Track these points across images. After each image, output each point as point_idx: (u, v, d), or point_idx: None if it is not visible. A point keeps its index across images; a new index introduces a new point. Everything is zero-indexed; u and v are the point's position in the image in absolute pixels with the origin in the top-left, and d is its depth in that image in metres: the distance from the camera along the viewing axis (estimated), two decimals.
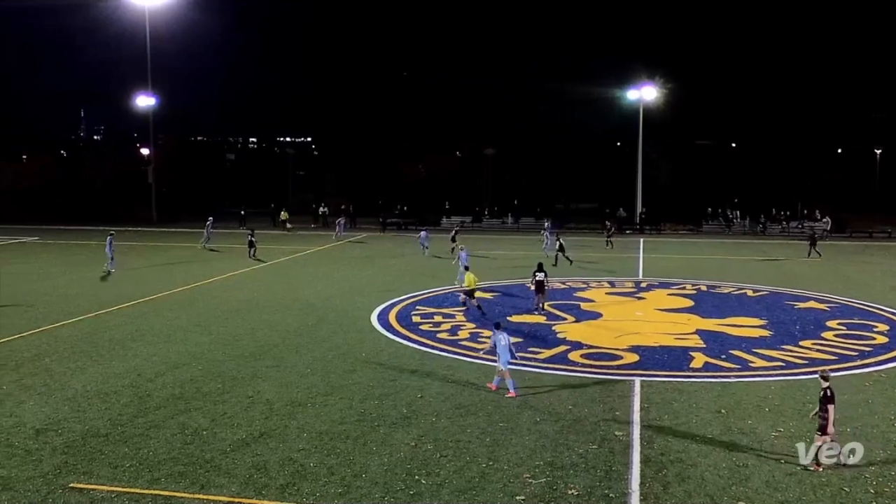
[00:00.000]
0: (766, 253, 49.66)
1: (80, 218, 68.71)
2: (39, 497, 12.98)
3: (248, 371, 20.57)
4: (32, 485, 13.44)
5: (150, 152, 75.99)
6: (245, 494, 13.15)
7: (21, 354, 22.18)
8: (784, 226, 65.51)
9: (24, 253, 47.56)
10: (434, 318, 27.39)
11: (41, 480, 13.62)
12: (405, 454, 14.83)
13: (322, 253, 48.10)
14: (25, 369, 20.64)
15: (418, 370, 20.66)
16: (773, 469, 14.19)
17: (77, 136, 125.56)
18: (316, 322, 26.84)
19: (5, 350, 22.71)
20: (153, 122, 74.18)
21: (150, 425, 16.37)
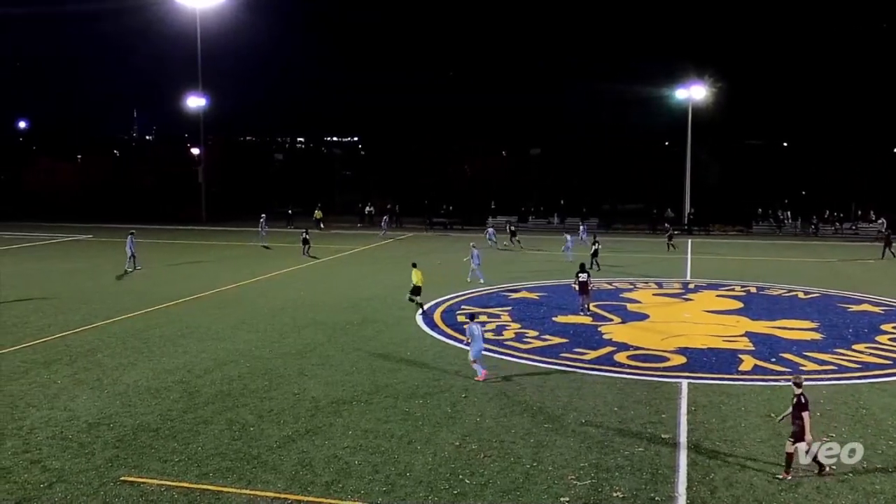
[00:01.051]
0: (819, 254, 48.68)
1: (132, 217, 70.03)
2: (92, 489, 13.27)
3: (294, 368, 20.79)
4: (85, 477, 13.75)
5: (200, 152, 77.20)
6: (291, 490, 13.28)
7: (75, 350, 22.70)
8: (837, 227, 64.13)
9: (79, 250, 48.66)
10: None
11: (94, 473, 13.92)
12: (449, 453, 14.84)
13: (368, 252, 48.38)
14: (79, 364, 21.13)
15: (463, 370, 20.66)
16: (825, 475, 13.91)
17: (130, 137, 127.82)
18: (361, 321, 27.00)
19: (61, 345, 23.28)
20: (203, 122, 75.35)
21: (199, 421, 16.64)
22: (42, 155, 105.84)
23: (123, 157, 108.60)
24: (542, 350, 22.84)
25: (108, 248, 49.61)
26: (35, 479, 13.62)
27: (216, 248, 51.16)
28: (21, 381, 19.56)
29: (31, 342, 23.58)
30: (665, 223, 57.05)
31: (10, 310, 28.67)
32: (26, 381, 19.47)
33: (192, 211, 72.63)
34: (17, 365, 21.00)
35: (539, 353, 22.40)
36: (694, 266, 42.80)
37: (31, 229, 61.40)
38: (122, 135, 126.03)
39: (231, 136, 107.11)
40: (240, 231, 60.48)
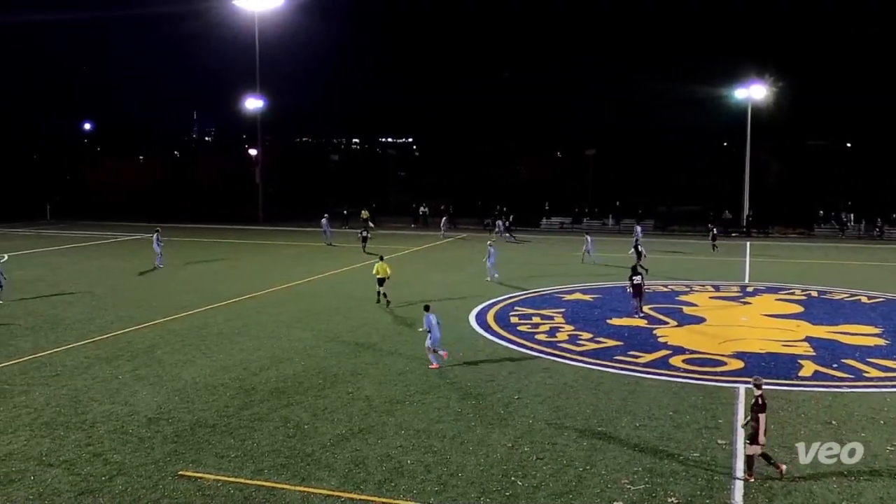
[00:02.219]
0: (883, 258, 47.34)
1: (191, 216, 71.47)
2: (151, 483, 13.56)
3: (348, 367, 20.96)
4: (145, 471, 14.06)
5: (258, 153, 78.37)
6: (344, 488, 13.40)
7: (136, 346, 23.24)
8: None
9: (139, 249, 49.74)
10: (532, 320, 27.26)
11: (153, 467, 14.23)
12: (501, 455, 14.81)
13: (422, 252, 48.55)
14: (140, 360, 21.62)
15: (516, 371, 20.61)
16: (889, 485, 13.54)
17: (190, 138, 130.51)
18: (415, 321, 27.08)
19: (122, 341, 23.86)
20: (261, 123, 76.48)
21: (255, 418, 16.89)
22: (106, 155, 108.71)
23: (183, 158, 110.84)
24: (595, 352, 22.65)
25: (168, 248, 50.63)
26: (97, 472, 13.98)
27: (272, 247, 51.89)
28: (84, 376, 20.10)
29: (94, 338, 24.22)
30: (708, 223, 56.09)
31: (74, 307, 29.49)
32: (89, 377, 20.01)
33: (250, 211, 73.77)
34: (81, 360, 21.60)
35: (593, 356, 22.21)
36: (752, 269, 42.00)
37: (94, 228, 63.08)
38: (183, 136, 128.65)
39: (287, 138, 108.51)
40: (295, 231, 61.23)
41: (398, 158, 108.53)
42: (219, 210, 74.75)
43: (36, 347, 23.06)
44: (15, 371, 20.53)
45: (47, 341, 23.87)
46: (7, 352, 22.51)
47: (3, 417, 16.83)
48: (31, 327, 25.86)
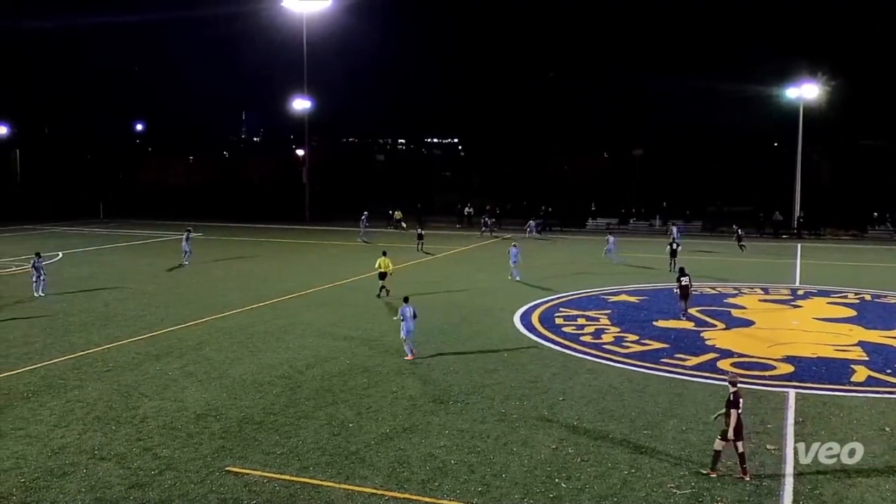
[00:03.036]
0: None
1: (239, 215, 72.43)
2: (199, 478, 13.78)
3: (392, 367, 21.06)
4: (193, 466, 14.29)
5: (305, 153, 79.12)
6: (388, 487, 13.46)
7: (185, 343, 23.64)
8: None
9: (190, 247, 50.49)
10: (577, 321, 27.10)
11: (200, 462, 14.46)
12: (545, 456, 14.75)
13: (468, 253, 48.55)
14: (189, 357, 21.99)
15: (560, 373, 20.51)
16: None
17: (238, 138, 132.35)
18: (459, 321, 27.13)
19: (172, 338, 24.29)
20: (308, 124, 77.21)
21: (300, 415, 17.06)
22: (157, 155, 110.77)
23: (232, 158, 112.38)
24: (641, 355, 22.43)
25: (216, 246, 51.44)
26: (147, 466, 14.25)
27: (318, 246, 52.36)
28: (135, 371, 20.51)
29: (144, 335, 24.69)
30: (733, 224, 55.23)
31: (126, 304, 30.09)
32: (140, 373, 20.41)
33: (296, 210, 74.50)
34: (132, 357, 22.03)
35: (639, 358, 22.00)
36: (803, 271, 41.21)
37: (145, 227, 64.28)
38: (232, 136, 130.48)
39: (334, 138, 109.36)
40: (341, 230, 61.67)
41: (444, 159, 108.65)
42: (266, 209, 75.63)
43: (89, 343, 23.60)
44: (69, 366, 21.03)
45: (100, 337, 24.41)
46: (62, 347, 23.07)
47: (57, 411, 17.25)
48: (85, 323, 26.46)
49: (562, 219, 68.06)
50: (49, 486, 13.40)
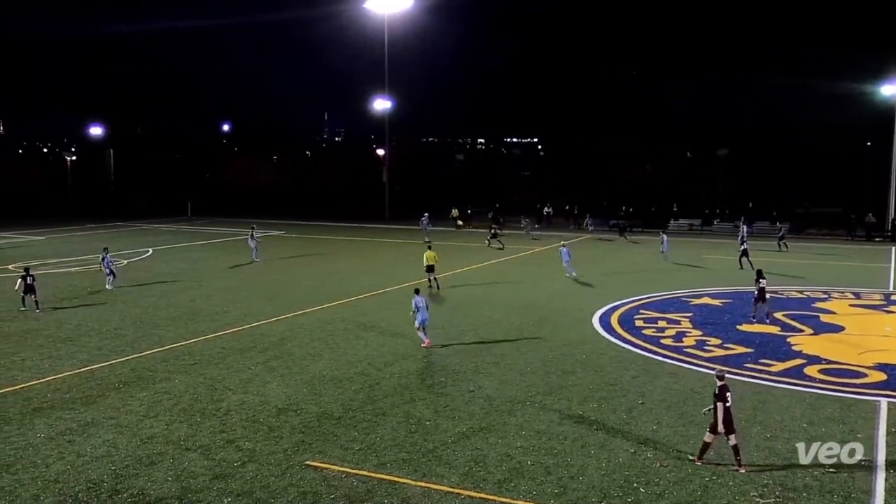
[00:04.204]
0: None
1: (320, 214, 73.65)
2: (280, 471, 14.08)
3: (469, 366, 21.09)
4: (274, 459, 14.60)
5: (385, 153, 79.95)
6: (464, 486, 13.49)
7: (267, 339, 24.18)
8: None
9: (272, 245, 51.67)
10: (658, 323, 26.64)
11: (281, 456, 14.76)
12: (624, 460, 14.55)
13: (546, 253, 48.22)
14: (271, 353, 22.48)
15: (639, 376, 20.20)
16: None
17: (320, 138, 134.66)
18: (537, 321, 27.00)
19: (255, 334, 24.87)
20: (388, 123, 77.98)
21: (378, 412, 17.24)
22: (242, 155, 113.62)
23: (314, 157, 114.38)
24: (724, 359, 21.90)
25: (298, 244, 52.44)
26: (230, 458, 14.63)
27: (398, 245, 52.81)
28: (219, 365, 21.08)
29: (228, 330, 25.35)
30: (777, 222, 53.35)
31: (211, 299, 30.94)
32: (224, 367, 20.96)
33: (376, 209, 75.33)
34: (217, 351, 22.65)
35: (721, 363, 21.47)
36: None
37: (230, 225, 65.95)
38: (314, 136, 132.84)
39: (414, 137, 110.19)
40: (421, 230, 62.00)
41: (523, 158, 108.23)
42: (347, 208, 76.72)
43: (177, 337, 24.37)
44: (158, 359, 21.76)
45: (187, 331, 25.17)
46: (151, 340, 23.89)
47: (146, 402, 17.87)
48: (173, 318, 27.33)
49: (643, 219, 66.96)
50: (138, 475, 13.89)
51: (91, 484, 13.50)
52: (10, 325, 25.96)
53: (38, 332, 24.94)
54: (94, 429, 16.15)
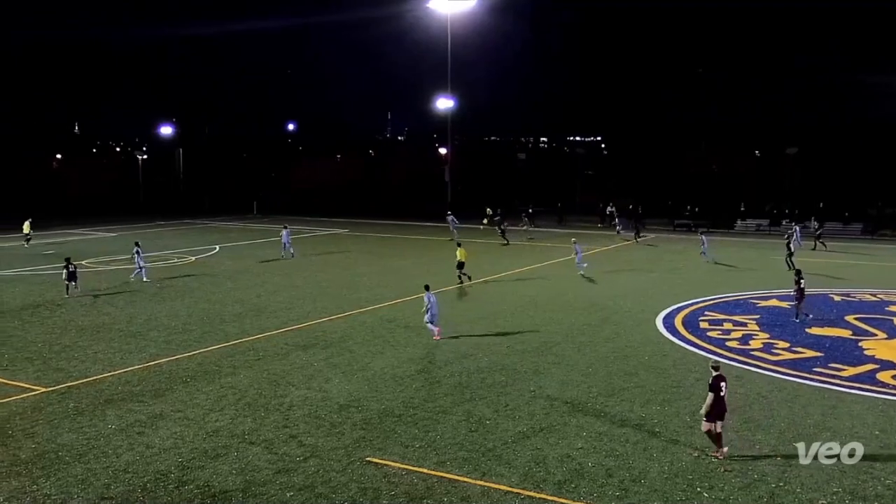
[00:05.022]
0: None
1: (383, 213, 74.17)
2: (341, 466, 14.23)
3: (530, 366, 21.01)
4: (335, 455, 14.77)
5: (447, 152, 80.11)
6: (524, 486, 13.44)
7: (330, 336, 24.47)
8: None
9: (335, 244, 52.31)
10: (723, 325, 26.13)
11: (342, 451, 14.92)
12: (687, 464, 14.31)
13: (608, 253, 47.75)
14: (333, 349, 22.74)
15: (704, 378, 19.74)
16: None
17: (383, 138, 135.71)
18: (599, 322, 26.75)
19: (318, 331, 25.19)
20: (451, 123, 78.10)
21: (439, 410, 17.29)
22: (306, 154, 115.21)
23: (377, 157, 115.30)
24: (793, 363, 21.37)
25: (360, 242, 52.92)
26: (292, 453, 14.85)
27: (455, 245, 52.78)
28: (283, 361, 21.41)
29: (292, 327, 25.73)
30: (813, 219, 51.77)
31: (276, 296, 31.44)
32: (287, 362, 21.29)
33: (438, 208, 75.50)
34: (281, 347, 23.02)
35: (790, 366, 20.98)
36: None
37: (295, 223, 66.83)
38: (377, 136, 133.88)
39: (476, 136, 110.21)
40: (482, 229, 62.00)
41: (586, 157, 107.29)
42: (409, 207, 77.10)
43: (242, 333, 24.83)
44: (223, 353, 22.21)
45: (252, 327, 25.63)
46: (217, 336, 24.39)
47: (212, 396, 18.25)
48: (238, 314, 27.86)
49: (709, 219, 65.71)
50: (203, 467, 14.20)
51: (159, 475, 13.85)
52: (84, 320, 26.80)
53: (110, 327, 25.69)
54: (162, 421, 16.57)
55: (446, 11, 70.03)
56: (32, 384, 19.15)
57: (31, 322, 26.41)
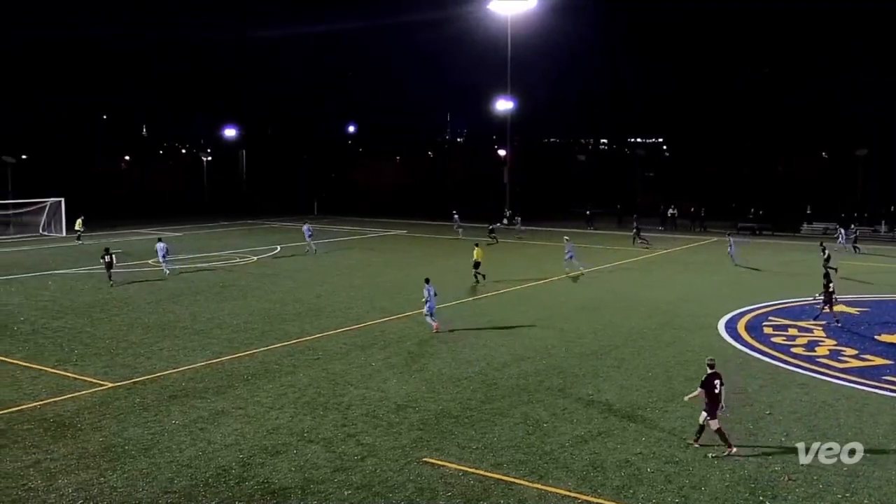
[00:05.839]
0: None
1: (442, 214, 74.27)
2: (398, 466, 14.31)
3: (589, 369, 20.83)
4: (392, 455, 14.86)
5: (506, 153, 79.95)
6: (581, 490, 13.33)
7: (388, 336, 24.63)
8: None
9: (394, 244, 52.64)
10: (788, 331, 25.53)
11: (399, 451, 15.00)
12: (749, 472, 14.02)
13: (672, 255, 47.10)
14: (391, 349, 22.89)
15: (768, 385, 19.42)
16: None
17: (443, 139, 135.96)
18: (659, 325, 26.39)
19: (377, 331, 25.38)
20: (510, 124, 77.91)
21: (496, 412, 17.26)
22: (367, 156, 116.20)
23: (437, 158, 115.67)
24: (860, 371, 20.77)
25: (419, 243, 53.16)
26: (350, 452, 14.99)
27: (517, 245, 52.71)
28: (342, 361, 21.63)
29: (351, 327, 25.98)
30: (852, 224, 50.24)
31: (335, 296, 31.78)
32: (346, 362, 21.50)
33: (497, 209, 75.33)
34: (340, 346, 23.26)
35: (857, 374, 20.40)
36: None
37: (355, 224, 67.54)
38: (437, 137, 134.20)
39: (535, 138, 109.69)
40: (541, 230, 61.72)
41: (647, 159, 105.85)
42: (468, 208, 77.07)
43: (301, 332, 25.16)
44: (283, 353, 22.53)
45: (311, 327, 25.96)
46: (277, 335, 24.76)
47: (272, 394, 18.54)
48: (299, 313, 28.24)
49: (774, 222, 64.28)
50: (263, 463, 14.43)
51: (220, 470, 14.12)
52: (150, 318, 27.47)
53: (174, 325, 26.29)
54: (223, 418, 16.89)
55: (506, 12, 69.93)
56: (101, 379, 19.72)
57: (99, 319, 27.18)
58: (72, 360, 21.57)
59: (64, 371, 20.47)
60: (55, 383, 19.39)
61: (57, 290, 33.04)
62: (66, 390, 18.79)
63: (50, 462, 14.43)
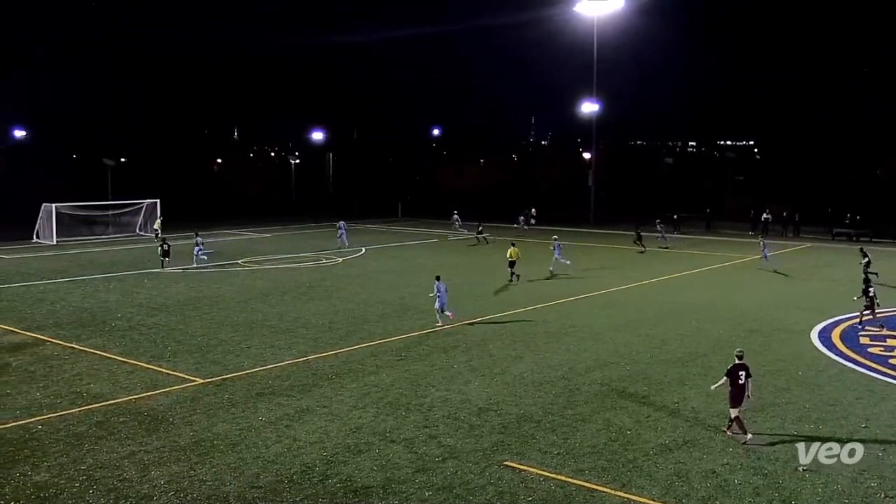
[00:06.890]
0: None
1: None
2: (479, 469, 14.31)
3: (674, 376, 20.42)
4: (473, 457, 14.87)
5: (592, 156, 79.10)
6: (665, 499, 13.08)
7: (470, 339, 24.67)
8: None
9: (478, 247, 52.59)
10: (887, 342, 24.49)
11: (480, 454, 15.00)
12: (843, 486, 13.50)
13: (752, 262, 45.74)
14: (473, 352, 22.91)
15: (864, 397, 18.66)
16: None
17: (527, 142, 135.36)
18: (748, 333, 25.67)
19: (459, 333, 25.45)
20: (595, 127, 77.06)
21: (578, 418, 17.09)
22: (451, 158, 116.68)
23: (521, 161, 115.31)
24: None
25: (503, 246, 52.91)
26: (431, 453, 15.07)
27: (601, 249, 52.12)
28: (424, 362, 21.77)
29: (434, 328, 26.09)
30: None
31: (418, 298, 31.90)
32: (428, 364, 21.63)
33: (581, 213, 74.67)
34: (422, 348, 23.41)
35: None
36: None
37: (438, 226, 67.89)
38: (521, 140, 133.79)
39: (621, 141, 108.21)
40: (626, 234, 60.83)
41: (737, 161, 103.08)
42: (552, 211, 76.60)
43: (385, 333, 25.44)
44: (367, 353, 22.83)
45: (395, 328, 26.21)
46: (361, 335, 25.10)
47: (355, 394, 18.79)
48: (382, 314, 28.55)
49: (873, 227, 61.71)
50: (346, 462, 14.64)
51: (304, 467, 14.39)
52: (239, 317, 28.21)
53: (262, 323, 26.94)
54: (308, 416, 17.21)
55: (593, 14, 69.24)
56: (192, 375, 20.36)
57: (191, 317, 28.07)
58: (165, 357, 22.33)
59: (158, 367, 21.22)
60: (149, 378, 20.12)
61: (152, 287, 34.29)
62: (160, 385, 19.49)
63: (144, 454, 14.98)
